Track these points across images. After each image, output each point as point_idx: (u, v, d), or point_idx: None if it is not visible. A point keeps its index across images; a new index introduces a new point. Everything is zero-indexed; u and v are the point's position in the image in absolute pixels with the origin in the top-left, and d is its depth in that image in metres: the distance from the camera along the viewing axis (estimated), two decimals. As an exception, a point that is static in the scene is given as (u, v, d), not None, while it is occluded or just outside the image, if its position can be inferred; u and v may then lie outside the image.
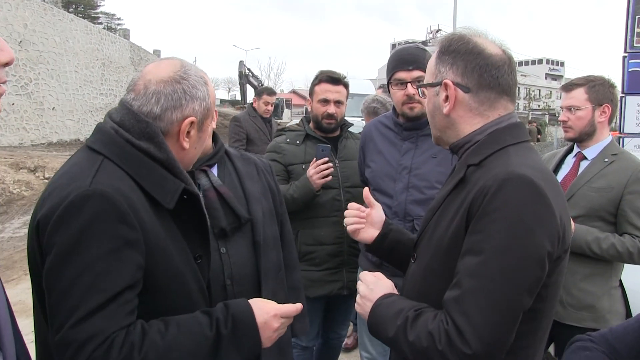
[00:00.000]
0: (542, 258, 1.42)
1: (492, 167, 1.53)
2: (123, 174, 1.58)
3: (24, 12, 20.86)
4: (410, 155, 2.96)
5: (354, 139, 3.67)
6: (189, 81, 1.70)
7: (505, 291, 1.39)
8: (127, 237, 1.48)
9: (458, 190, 1.62)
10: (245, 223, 2.25)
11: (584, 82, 3.09)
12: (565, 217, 1.52)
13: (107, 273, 1.43)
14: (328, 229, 3.42)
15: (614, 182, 2.90)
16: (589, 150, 3.10)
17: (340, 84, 3.53)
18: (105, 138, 1.65)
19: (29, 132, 21.49)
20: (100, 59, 26.66)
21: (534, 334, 1.54)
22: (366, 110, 5.38)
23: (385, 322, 1.59)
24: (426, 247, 1.69)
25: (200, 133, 1.77)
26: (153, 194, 1.61)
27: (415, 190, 2.89)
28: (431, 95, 1.72)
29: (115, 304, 1.43)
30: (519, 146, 1.61)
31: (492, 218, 1.43)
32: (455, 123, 1.68)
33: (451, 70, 1.65)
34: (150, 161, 1.64)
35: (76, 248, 1.42)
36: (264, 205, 2.38)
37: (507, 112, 1.67)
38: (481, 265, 1.41)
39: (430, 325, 1.46)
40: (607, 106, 3.04)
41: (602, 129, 3.08)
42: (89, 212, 1.45)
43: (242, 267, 2.22)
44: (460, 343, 1.38)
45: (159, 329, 1.50)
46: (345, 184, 3.47)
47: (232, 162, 2.42)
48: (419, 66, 2.88)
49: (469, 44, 1.65)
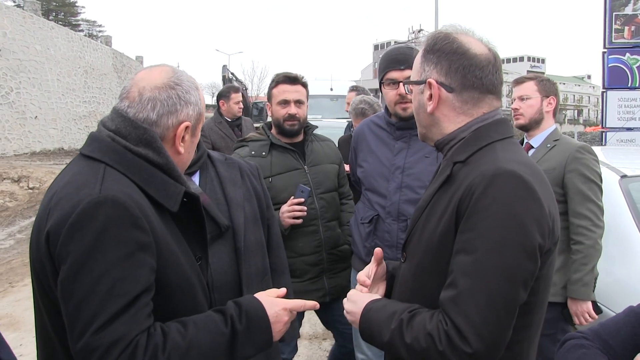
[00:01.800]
0: (534, 252, 1.43)
1: (479, 164, 1.54)
2: (127, 180, 1.59)
3: (2, 21, 20.66)
4: (403, 155, 2.97)
5: (319, 141, 3.56)
6: (182, 86, 1.73)
7: (502, 288, 1.40)
8: (141, 241, 1.49)
9: (445, 188, 1.62)
10: (225, 231, 2.24)
11: (533, 77, 3.56)
12: (553, 209, 1.54)
13: (124, 278, 1.44)
14: (305, 238, 3.30)
15: (555, 164, 3.21)
16: (534, 139, 3.46)
17: (299, 84, 3.38)
18: (103, 146, 1.65)
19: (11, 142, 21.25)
20: (83, 67, 26.46)
21: (528, 327, 1.55)
22: (354, 112, 5.37)
23: (379, 326, 1.59)
24: (416, 247, 1.68)
25: (193, 138, 1.81)
26: (158, 198, 1.63)
27: (409, 190, 2.89)
28: (416, 92, 1.74)
29: (135, 308, 1.44)
30: (504, 142, 1.62)
31: (483, 215, 1.43)
32: (439, 121, 1.69)
33: (435, 69, 1.66)
34: (150, 166, 1.66)
35: (92, 255, 1.43)
36: (247, 210, 2.35)
37: (492, 110, 1.68)
38: (475, 263, 1.42)
39: (429, 326, 1.46)
40: (553, 98, 3.47)
41: (548, 118, 3.47)
42: (103, 218, 1.45)
43: (223, 274, 2.20)
44: (461, 343, 1.39)
45: (179, 330, 1.53)
46: (318, 190, 3.36)
47: (214, 168, 2.40)
48: (410, 65, 2.82)
49: (453, 43, 1.66)
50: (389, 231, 2.92)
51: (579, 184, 3.10)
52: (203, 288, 1.77)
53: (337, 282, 3.40)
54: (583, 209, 3.08)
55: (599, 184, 3.15)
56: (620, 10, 10.08)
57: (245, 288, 2.24)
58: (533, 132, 3.45)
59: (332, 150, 3.59)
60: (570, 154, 3.17)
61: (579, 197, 3.10)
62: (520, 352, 1.57)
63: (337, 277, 3.41)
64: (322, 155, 3.47)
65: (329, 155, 3.51)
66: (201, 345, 1.53)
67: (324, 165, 3.43)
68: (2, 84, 20.63)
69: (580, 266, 3.04)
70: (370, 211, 3.01)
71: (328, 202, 3.38)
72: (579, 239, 3.07)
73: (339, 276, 3.42)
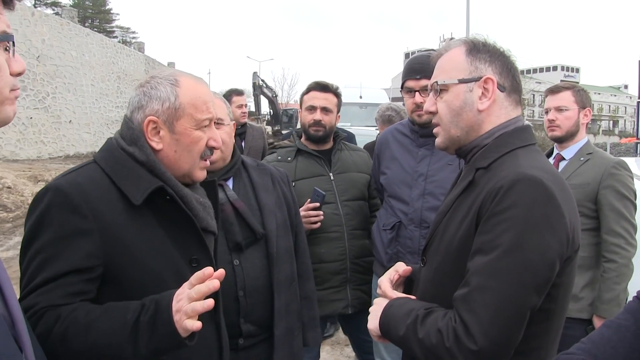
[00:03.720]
0: (550, 258, 1.43)
1: (501, 170, 1.54)
2: (100, 174, 1.71)
3: (41, 28, 21.20)
4: (427, 162, 2.98)
5: (349, 150, 3.56)
6: (151, 83, 1.78)
7: (513, 289, 1.40)
8: (78, 227, 1.60)
9: (467, 193, 1.62)
10: (260, 238, 2.29)
11: (569, 87, 3.39)
12: (574, 218, 1.53)
13: (55, 257, 1.57)
14: (328, 245, 3.26)
15: (589, 179, 3.12)
16: (566, 151, 3.35)
17: (330, 92, 3.40)
18: (105, 146, 1.82)
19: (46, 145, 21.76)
20: (116, 72, 26.97)
21: (546, 334, 1.54)
22: (381, 119, 5.38)
23: (396, 321, 1.60)
24: (436, 251, 1.69)
25: (176, 135, 1.76)
26: (124, 190, 1.68)
27: (431, 197, 2.89)
28: (460, 91, 1.67)
29: (54, 284, 1.56)
30: (527, 149, 1.62)
31: (501, 218, 1.44)
32: (483, 121, 1.66)
33: (491, 67, 1.66)
34: (134, 163, 1.73)
35: (34, 234, 1.61)
36: (278, 217, 2.41)
37: (515, 116, 1.69)
38: (489, 263, 1.43)
39: (440, 323, 1.48)
40: (589, 109, 3.35)
41: (582, 130, 3.35)
42: (45, 203, 1.62)
43: (255, 279, 2.27)
44: (467, 339, 1.40)
45: (88, 310, 1.57)
46: (342, 197, 3.33)
47: (247, 173, 2.45)
48: (426, 75, 2.85)
49: (498, 46, 1.69)
50: (411, 238, 2.92)
51: (614, 201, 3.04)
52: None
53: (360, 295, 3.33)
54: (617, 227, 3.02)
55: (634, 202, 3.09)
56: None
57: (276, 293, 2.29)
58: (565, 144, 3.34)
59: (363, 159, 3.56)
60: (606, 169, 3.09)
61: (613, 215, 3.03)
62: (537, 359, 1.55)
63: (361, 289, 3.35)
64: (349, 164, 3.46)
65: (358, 164, 3.49)
66: (100, 328, 1.52)
67: (351, 174, 3.42)
68: (40, 89, 21.14)
69: (612, 285, 2.98)
70: (393, 218, 3.02)
71: (354, 210, 3.36)
72: (612, 257, 3.01)
73: (362, 288, 3.35)
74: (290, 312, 2.40)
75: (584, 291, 3.08)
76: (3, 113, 1.14)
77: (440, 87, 1.70)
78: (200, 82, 1.85)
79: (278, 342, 2.32)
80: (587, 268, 3.08)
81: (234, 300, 2.23)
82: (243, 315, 2.26)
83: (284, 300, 2.35)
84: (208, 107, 1.80)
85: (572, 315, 2.95)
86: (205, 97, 1.80)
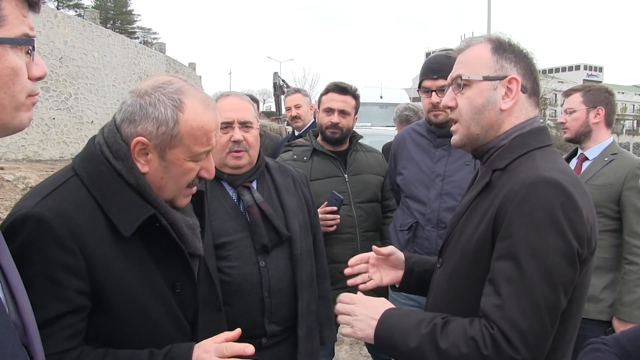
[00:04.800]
0: (574, 258, 1.44)
1: (518, 172, 1.54)
2: (85, 194, 1.52)
3: (64, 29, 21.46)
4: (444, 162, 2.98)
5: (364, 151, 3.57)
6: (151, 98, 1.55)
7: (545, 294, 1.40)
8: (64, 262, 1.43)
9: (484, 195, 1.63)
10: (285, 240, 2.32)
11: (581, 88, 3.41)
12: (592, 219, 1.53)
13: (45, 297, 1.40)
14: (340, 246, 3.27)
15: (613, 179, 3.10)
16: (590, 151, 3.32)
17: (348, 94, 3.41)
18: (87, 154, 1.62)
19: (69, 146, 22.01)
20: (137, 73, 27.23)
21: (563, 335, 1.54)
22: (398, 119, 5.37)
23: (404, 332, 1.54)
24: (452, 252, 1.69)
25: (165, 163, 1.58)
26: (113, 219, 1.51)
27: (449, 198, 2.89)
28: (484, 88, 1.66)
29: (52, 329, 1.40)
30: (544, 150, 1.62)
31: (523, 222, 1.44)
32: (504, 121, 1.66)
33: (516, 68, 1.66)
34: (122, 185, 1.55)
35: None
36: (300, 218, 2.44)
37: (532, 117, 1.69)
38: (518, 269, 1.42)
39: (470, 331, 1.45)
40: (601, 108, 3.30)
41: (598, 130, 3.31)
42: (24, 235, 1.41)
43: (280, 280, 2.30)
44: (509, 349, 1.38)
45: (96, 357, 1.46)
46: (357, 199, 3.36)
47: (270, 175, 2.48)
48: (443, 75, 2.86)
49: (522, 47, 1.69)
50: (428, 238, 2.92)
51: (638, 203, 3.02)
52: (174, 317, 1.63)
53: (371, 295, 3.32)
54: None
55: None
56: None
57: (299, 294, 2.33)
58: (587, 144, 3.33)
59: (378, 161, 3.57)
60: (630, 170, 3.08)
61: (636, 216, 3.01)
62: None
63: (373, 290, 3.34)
64: (364, 165, 3.47)
65: (373, 166, 3.51)
66: None
67: (365, 176, 3.44)
68: (62, 90, 21.41)
69: (633, 287, 2.96)
70: (410, 218, 3.01)
71: (367, 212, 3.37)
72: (633, 259, 2.99)
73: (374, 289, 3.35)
74: (311, 312, 2.44)
75: (604, 293, 3.06)
76: (17, 119, 1.09)
77: (463, 82, 1.68)
78: (209, 106, 1.63)
79: (301, 342, 2.35)
80: (608, 270, 3.06)
81: (259, 301, 2.26)
82: (268, 315, 2.29)
83: (305, 301, 2.38)
84: (209, 139, 1.61)
85: (591, 317, 2.94)
86: (209, 126, 1.60)
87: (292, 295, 2.34)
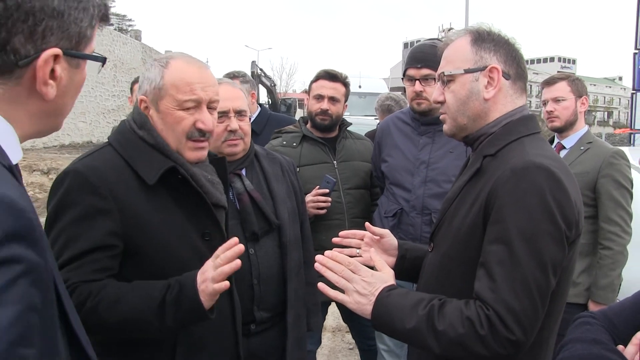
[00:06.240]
0: (562, 240, 1.49)
1: (508, 158, 1.59)
2: (116, 156, 1.83)
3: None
4: (428, 149, 3.02)
5: (353, 138, 3.60)
6: (148, 65, 1.91)
7: (536, 276, 1.45)
8: (98, 206, 1.72)
9: (475, 180, 1.67)
10: (275, 228, 2.36)
11: (564, 77, 3.46)
12: (579, 203, 1.58)
13: (78, 235, 1.69)
14: (329, 232, 3.13)
15: (589, 167, 3.19)
16: (567, 140, 3.41)
17: (338, 82, 3.43)
18: (119, 129, 1.95)
19: (42, 133, 21.63)
20: (112, 61, 26.79)
21: (549, 315, 1.58)
22: (380, 109, 5.39)
23: (402, 311, 1.55)
24: (444, 237, 1.73)
25: (160, 114, 1.87)
26: (139, 172, 1.79)
27: (433, 184, 2.93)
28: (466, 81, 1.70)
29: (81, 261, 1.68)
30: (532, 137, 1.67)
31: (514, 206, 1.48)
32: (489, 110, 1.70)
33: (495, 56, 1.69)
34: (145, 146, 1.85)
35: (57, 216, 1.73)
36: (289, 206, 2.47)
37: (521, 105, 1.73)
38: (510, 252, 1.46)
39: (467, 312, 1.48)
40: (585, 98, 3.41)
41: (581, 119, 3.41)
42: (65, 186, 1.74)
43: (269, 267, 2.33)
44: (504, 329, 1.43)
45: (119, 286, 1.72)
46: (345, 185, 3.38)
47: (259, 163, 2.50)
48: (427, 64, 2.94)
49: (502, 34, 1.72)
50: (413, 224, 2.95)
51: (612, 190, 3.11)
52: (201, 259, 1.75)
53: None
54: (614, 215, 3.10)
55: (631, 191, 3.17)
56: (655, 9, 9.71)
57: (288, 280, 2.37)
58: (565, 134, 3.40)
59: (367, 148, 3.59)
60: (605, 159, 3.16)
61: (611, 203, 3.11)
62: (540, 340, 1.60)
63: None
64: (354, 152, 3.50)
65: (362, 153, 3.53)
66: (129, 302, 1.68)
67: (354, 162, 3.46)
68: (34, 77, 21.00)
69: (608, 271, 3.06)
70: (394, 205, 3.04)
71: (356, 198, 3.40)
72: (608, 245, 3.09)
73: None
74: (299, 299, 2.46)
75: (581, 277, 3.16)
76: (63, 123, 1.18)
77: (447, 78, 1.73)
78: (192, 64, 1.89)
79: (290, 328, 2.38)
80: (584, 254, 3.16)
81: (248, 288, 2.28)
82: (257, 302, 2.31)
83: (293, 288, 2.41)
84: (192, 89, 1.84)
85: (569, 300, 2.99)
86: (188, 77, 1.85)
87: (280, 282, 2.37)
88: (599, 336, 1.42)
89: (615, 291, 3.06)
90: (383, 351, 3.30)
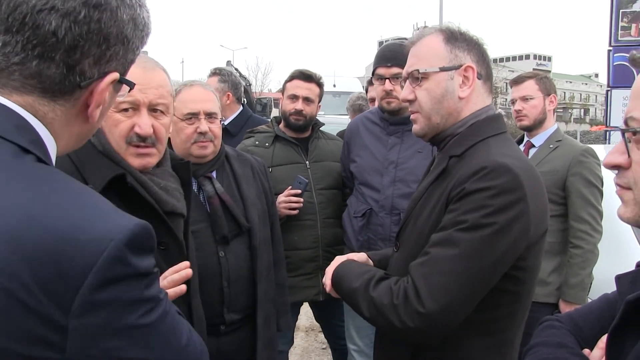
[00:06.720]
0: (510, 243, 1.48)
1: (473, 158, 1.58)
2: (67, 162, 1.72)
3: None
4: (397, 150, 3.00)
5: (325, 139, 3.59)
6: None
7: (470, 263, 1.46)
8: None
9: (440, 180, 1.66)
10: (245, 230, 2.35)
11: (532, 75, 3.47)
12: (542, 204, 1.58)
13: None
14: (301, 232, 3.28)
15: (558, 166, 3.18)
16: (536, 138, 3.40)
17: (313, 82, 3.42)
18: None
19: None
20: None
21: (513, 316, 1.59)
22: (352, 108, 5.39)
23: (353, 273, 1.70)
24: (409, 236, 1.73)
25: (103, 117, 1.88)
26: (86, 177, 1.70)
27: (402, 184, 2.91)
28: (442, 79, 1.68)
29: None
30: (498, 137, 1.66)
31: (467, 199, 1.49)
32: (462, 108, 1.69)
33: (469, 55, 1.69)
34: (95, 152, 1.76)
35: None
36: (259, 208, 2.47)
37: (488, 104, 1.74)
38: (449, 236, 1.49)
39: (394, 286, 1.54)
40: (554, 96, 3.42)
41: (550, 117, 3.41)
42: None
43: (239, 270, 2.32)
44: (415, 301, 1.46)
45: None
46: (318, 186, 3.36)
47: (230, 165, 2.49)
48: (397, 63, 2.90)
49: (472, 34, 1.73)
50: (382, 224, 2.93)
51: (582, 188, 3.10)
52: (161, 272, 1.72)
53: None
54: (584, 214, 3.08)
55: (601, 189, 3.15)
56: (628, 7, 9.67)
57: (258, 282, 2.37)
58: (535, 132, 3.40)
59: (339, 148, 3.55)
60: (574, 157, 3.15)
61: (580, 201, 3.09)
62: (504, 341, 1.61)
63: None
64: (326, 152, 3.48)
65: (335, 153, 3.50)
66: None
67: (327, 163, 3.44)
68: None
69: (578, 270, 3.05)
70: (364, 205, 3.02)
71: (328, 198, 3.38)
72: (578, 243, 3.07)
73: None
74: (269, 300, 2.46)
75: (552, 276, 3.15)
76: None
77: (421, 75, 1.70)
78: (136, 65, 1.77)
79: (260, 329, 2.38)
80: (554, 253, 3.15)
81: (218, 290, 2.27)
82: (227, 305, 2.30)
83: (263, 289, 2.41)
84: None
85: (540, 300, 3.02)
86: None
87: (250, 284, 2.37)
88: (564, 340, 1.40)
89: (586, 290, 3.05)
90: (353, 351, 3.29)
